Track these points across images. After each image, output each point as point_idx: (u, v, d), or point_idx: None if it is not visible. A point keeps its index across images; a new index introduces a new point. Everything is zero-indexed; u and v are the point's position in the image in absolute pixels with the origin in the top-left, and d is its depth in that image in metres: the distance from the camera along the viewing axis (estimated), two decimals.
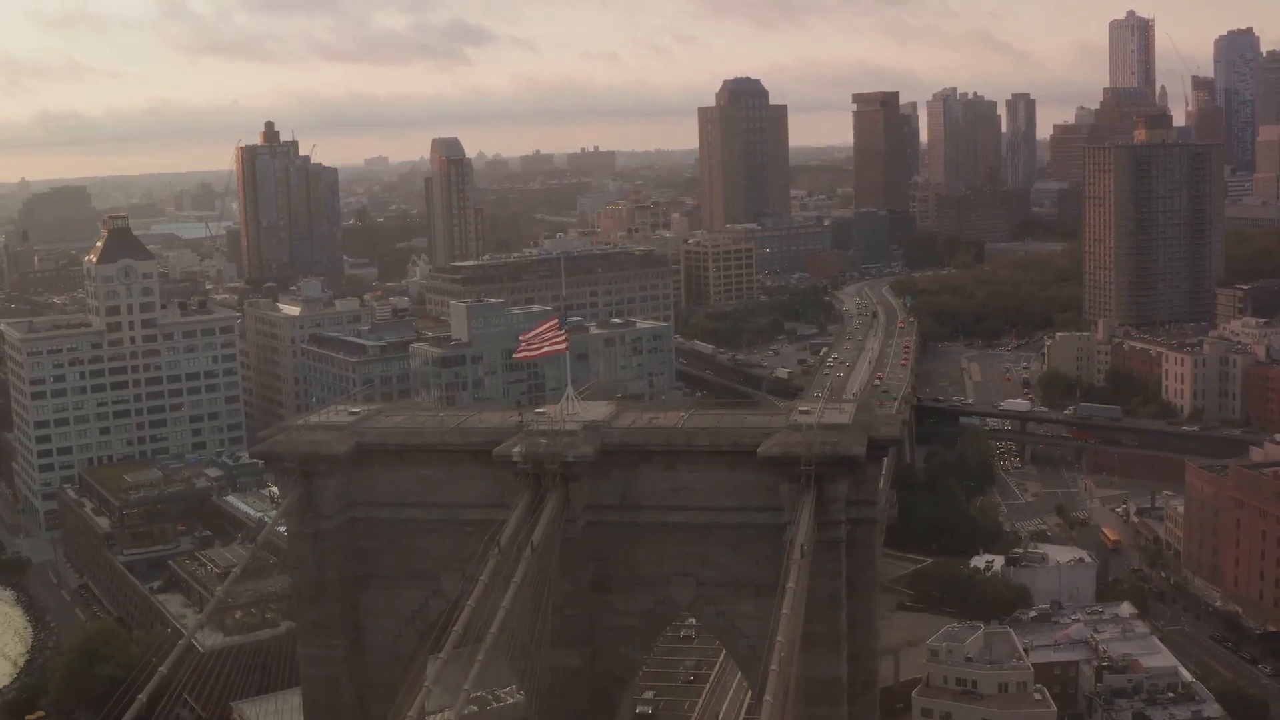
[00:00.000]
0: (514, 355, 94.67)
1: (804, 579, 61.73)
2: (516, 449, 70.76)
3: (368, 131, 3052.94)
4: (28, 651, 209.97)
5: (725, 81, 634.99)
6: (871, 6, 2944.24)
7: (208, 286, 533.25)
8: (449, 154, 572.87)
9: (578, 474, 70.12)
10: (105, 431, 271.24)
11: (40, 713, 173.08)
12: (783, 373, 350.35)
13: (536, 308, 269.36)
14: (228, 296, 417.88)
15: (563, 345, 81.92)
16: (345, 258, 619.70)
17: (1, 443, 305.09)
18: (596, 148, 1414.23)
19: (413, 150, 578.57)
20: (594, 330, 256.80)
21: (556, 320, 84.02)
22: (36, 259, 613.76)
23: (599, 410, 77.43)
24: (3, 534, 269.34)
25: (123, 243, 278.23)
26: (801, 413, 73.12)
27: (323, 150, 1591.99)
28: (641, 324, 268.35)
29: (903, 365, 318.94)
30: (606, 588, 73.27)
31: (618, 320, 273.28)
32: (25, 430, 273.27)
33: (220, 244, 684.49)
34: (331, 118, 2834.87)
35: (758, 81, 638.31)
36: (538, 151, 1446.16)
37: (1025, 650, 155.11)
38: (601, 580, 73.36)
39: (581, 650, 71.66)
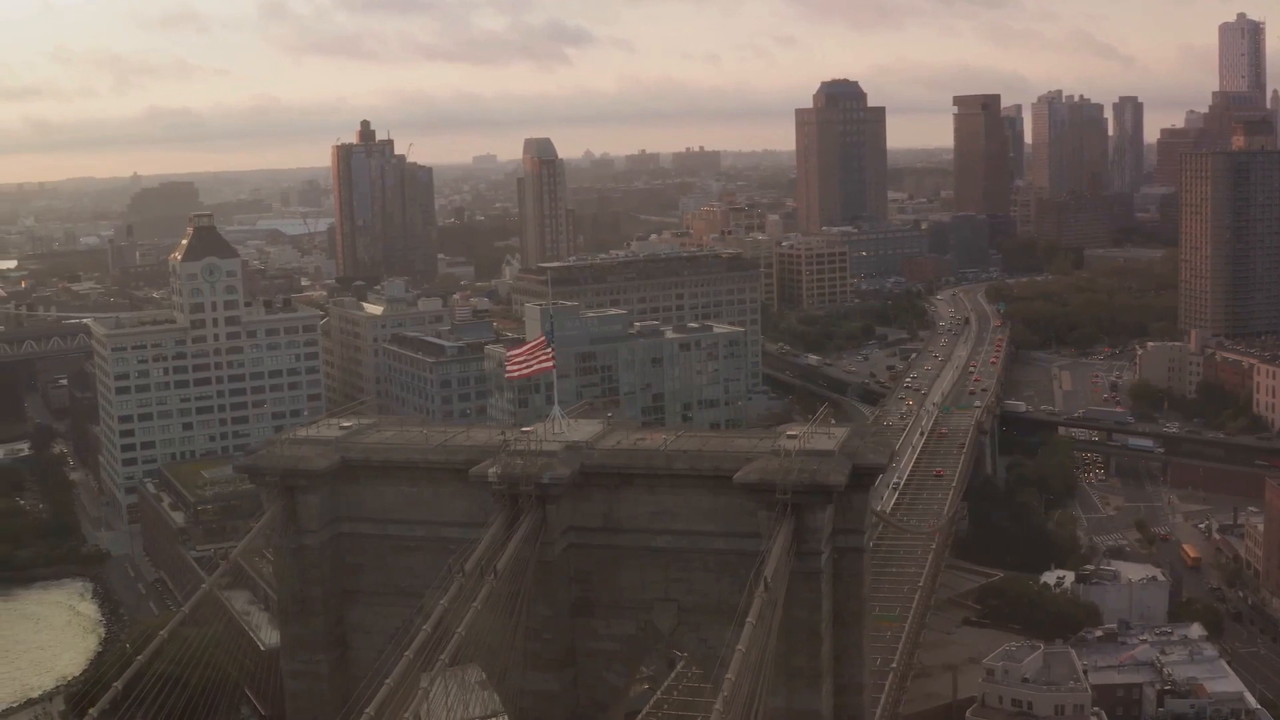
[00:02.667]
0: (505, 376, 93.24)
1: (771, 612, 59.80)
2: (493, 469, 69.56)
3: (475, 130, 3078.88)
4: (100, 644, 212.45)
5: (822, 83, 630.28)
6: (969, 9, 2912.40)
7: (304, 283, 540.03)
8: (540, 154, 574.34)
9: (555, 496, 68.72)
10: (188, 427, 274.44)
11: (105, 707, 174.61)
12: (868, 379, 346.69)
13: (611, 311, 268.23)
14: (320, 294, 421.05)
15: (549, 364, 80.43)
16: (442, 256, 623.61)
17: (89, 436, 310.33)
18: (702, 148, 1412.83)
19: (519, 149, 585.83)
20: (670, 335, 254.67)
21: (544, 339, 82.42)
22: (138, 253, 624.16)
23: (586, 430, 75.90)
24: (86, 526, 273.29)
25: (207, 241, 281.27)
26: (789, 437, 71.16)
27: (429, 149, 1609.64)
28: (719, 328, 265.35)
29: (989, 374, 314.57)
30: (588, 611, 71.77)
31: (694, 325, 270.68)
32: (110, 424, 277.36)
33: (320, 241, 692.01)
34: (437, 117, 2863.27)
35: (855, 84, 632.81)
36: (643, 151, 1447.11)
37: (1086, 671, 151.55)
38: (583, 604, 71.87)
39: (562, 674, 70.28)
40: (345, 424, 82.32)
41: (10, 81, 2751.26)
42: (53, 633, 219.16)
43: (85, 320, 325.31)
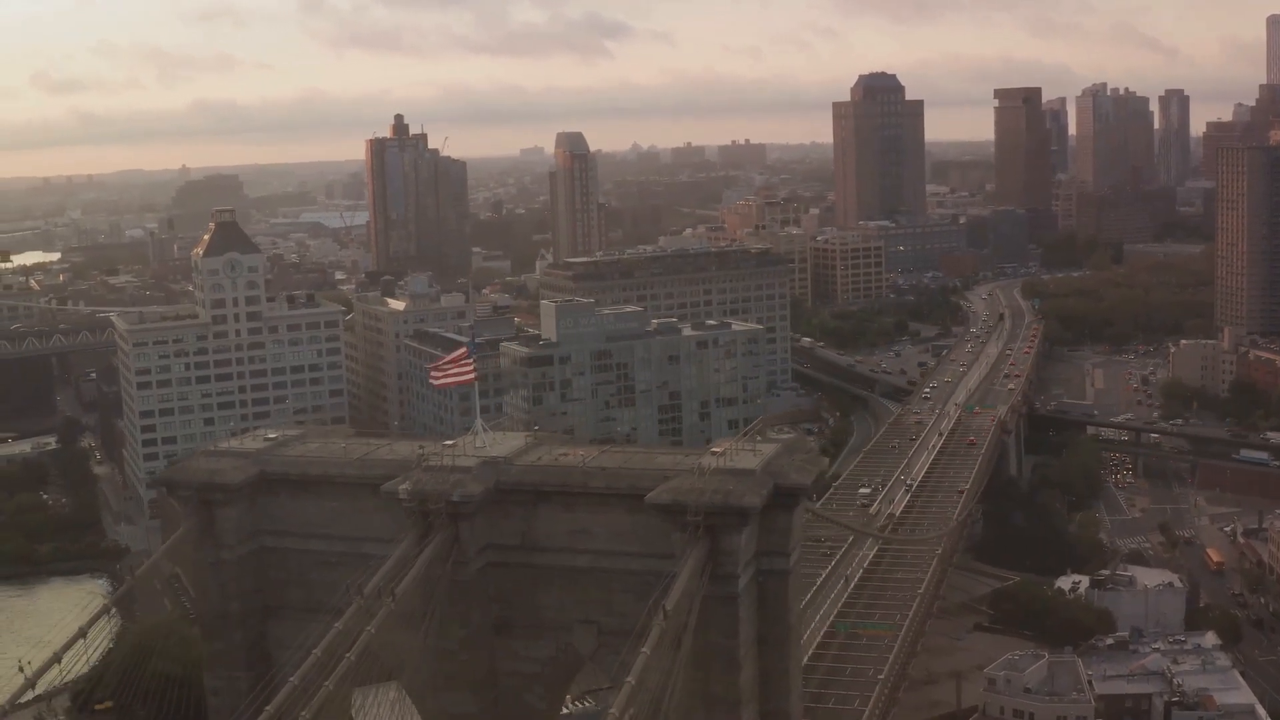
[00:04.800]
0: (431, 382, 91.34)
1: (682, 639, 57.40)
2: (404, 485, 67.43)
3: (522, 123, 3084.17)
4: (111, 640, 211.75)
5: (860, 76, 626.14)
6: (1009, 2, 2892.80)
7: (339, 277, 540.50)
8: (572, 148, 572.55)
9: (467, 513, 66.49)
10: (209, 422, 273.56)
11: (109, 703, 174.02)
12: (898, 375, 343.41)
13: (628, 308, 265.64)
14: (351, 289, 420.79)
15: (470, 376, 78.27)
16: (478, 250, 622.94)
17: (115, 430, 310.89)
18: (747, 141, 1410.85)
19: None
20: (687, 332, 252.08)
21: (465, 349, 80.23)
22: (176, 247, 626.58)
23: (508, 445, 73.63)
24: (108, 521, 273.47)
25: (229, 236, 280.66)
26: (713, 454, 68.69)
27: (474, 142, 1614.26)
28: (737, 326, 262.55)
29: (1017, 375, 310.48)
30: (509, 632, 69.50)
31: (712, 323, 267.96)
32: (132, 419, 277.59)
33: (358, 234, 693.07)
34: (482, 109, 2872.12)
35: (893, 76, 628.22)
36: (689, 144, 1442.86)
37: (1093, 681, 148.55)
38: (503, 624, 69.62)
39: (481, 696, 68.03)
40: (271, 435, 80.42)
41: (54, 75, 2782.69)
42: (65, 629, 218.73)
43: (110, 314, 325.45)
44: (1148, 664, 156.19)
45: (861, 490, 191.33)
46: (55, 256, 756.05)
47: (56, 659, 68.91)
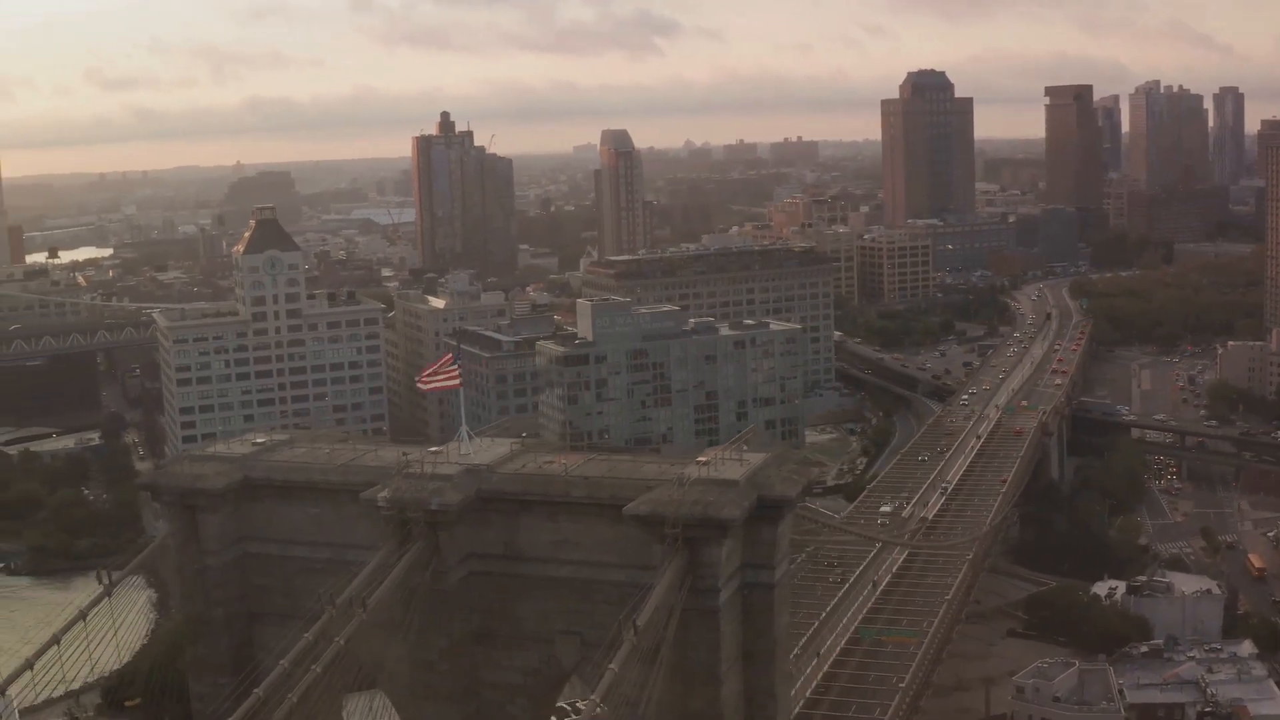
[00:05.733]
0: (419, 388, 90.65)
1: (651, 655, 56.06)
2: (383, 493, 66.44)
3: (573, 120, 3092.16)
4: (145, 637, 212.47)
5: (909, 74, 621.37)
6: None
7: (387, 274, 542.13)
8: (617, 146, 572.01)
9: (447, 522, 65.39)
10: (249, 419, 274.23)
11: (139, 700, 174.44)
12: (942, 375, 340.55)
13: (665, 307, 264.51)
14: (395, 286, 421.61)
15: (456, 381, 77.33)
16: (525, 247, 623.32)
17: (158, 426, 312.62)
18: (800, 138, 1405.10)
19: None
20: (724, 332, 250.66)
21: (451, 355, 79.32)
22: (226, 243, 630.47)
23: (492, 452, 72.49)
24: (147, 517, 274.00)
25: (269, 234, 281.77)
26: (699, 463, 67.29)
27: (527, 138, 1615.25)
28: (775, 326, 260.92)
29: (1063, 372, 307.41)
30: (491, 642, 68.37)
31: (750, 322, 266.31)
32: (172, 416, 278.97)
33: (407, 231, 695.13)
34: (535, 107, 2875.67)
35: (942, 74, 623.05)
36: (741, 141, 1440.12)
37: (1125, 690, 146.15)
38: (485, 634, 68.47)
39: (463, 706, 66.91)
40: (258, 440, 79.74)
41: (108, 72, 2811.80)
42: (100, 624, 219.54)
43: (153, 311, 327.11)
44: (1182, 673, 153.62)
45: (883, 509, 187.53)
46: (108, 252, 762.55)
47: (29, 665, 68.09)
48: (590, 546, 65.19)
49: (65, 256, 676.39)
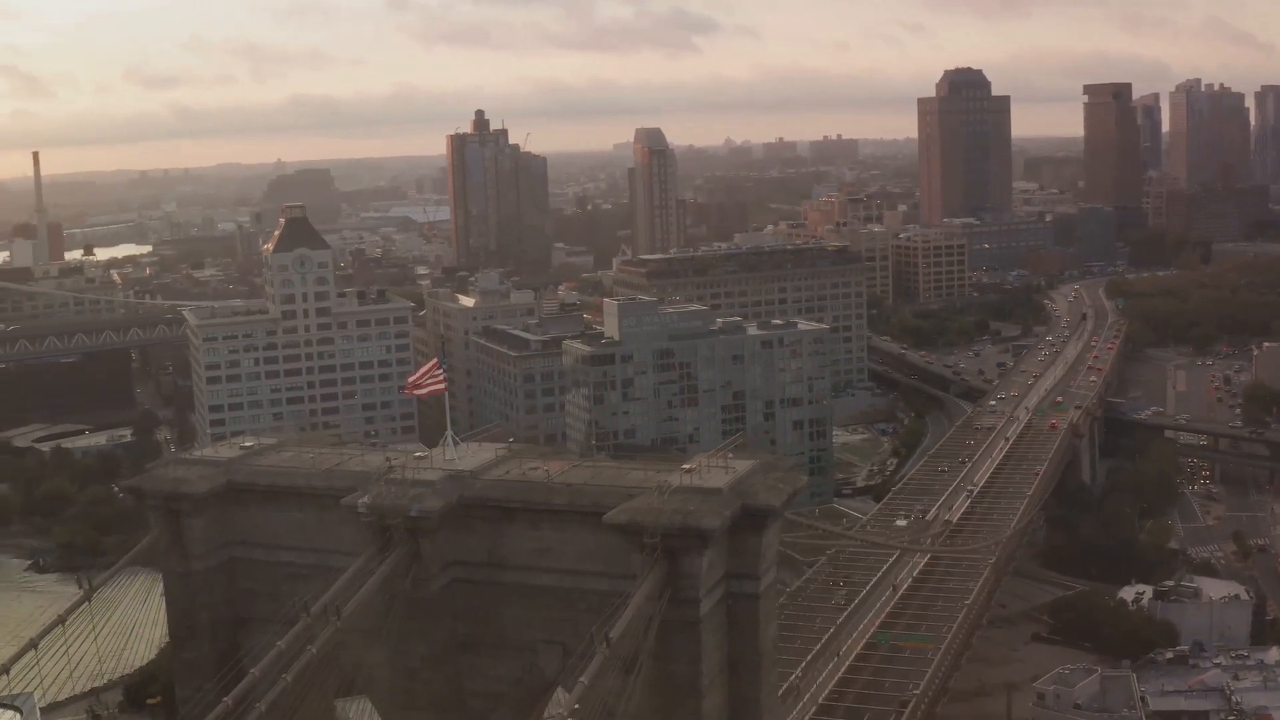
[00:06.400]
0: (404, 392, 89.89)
1: (627, 667, 55.07)
2: (363, 499, 65.71)
3: (614, 118, 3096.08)
4: (169, 634, 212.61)
5: (945, 72, 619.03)
6: None
7: (422, 271, 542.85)
8: (650, 144, 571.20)
9: (428, 529, 64.59)
10: (278, 417, 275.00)
11: (159, 698, 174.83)
12: (976, 375, 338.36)
13: (692, 306, 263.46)
14: (427, 284, 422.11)
15: (442, 385, 76.59)
16: (561, 245, 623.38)
17: (189, 424, 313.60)
18: (839, 136, 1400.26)
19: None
20: (752, 331, 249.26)
21: (436, 360, 78.55)
22: (262, 240, 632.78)
23: (480, 457, 71.64)
24: None
25: (299, 232, 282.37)
26: (684, 470, 66.22)
27: (566, 136, 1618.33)
28: (804, 325, 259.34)
29: (1097, 371, 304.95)
30: (474, 651, 67.50)
31: (778, 321, 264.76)
32: (202, 413, 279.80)
33: (444, 229, 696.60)
34: (574, 105, 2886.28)
35: (979, 72, 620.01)
36: (780, 139, 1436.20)
37: (1147, 697, 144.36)
38: (469, 643, 67.59)
39: (446, 715, 66.02)
40: (246, 443, 79.21)
41: (148, 70, 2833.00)
42: (126, 620, 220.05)
43: (184, 308, 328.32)
44: (1207, 680, 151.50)
45: (899, 523, 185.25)
46: (147, 249, 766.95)
47: (5, 669, 67.59)
48: (573, 555, 64.31)
49: (105, 254, 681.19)
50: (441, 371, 75.46)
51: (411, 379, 77.95)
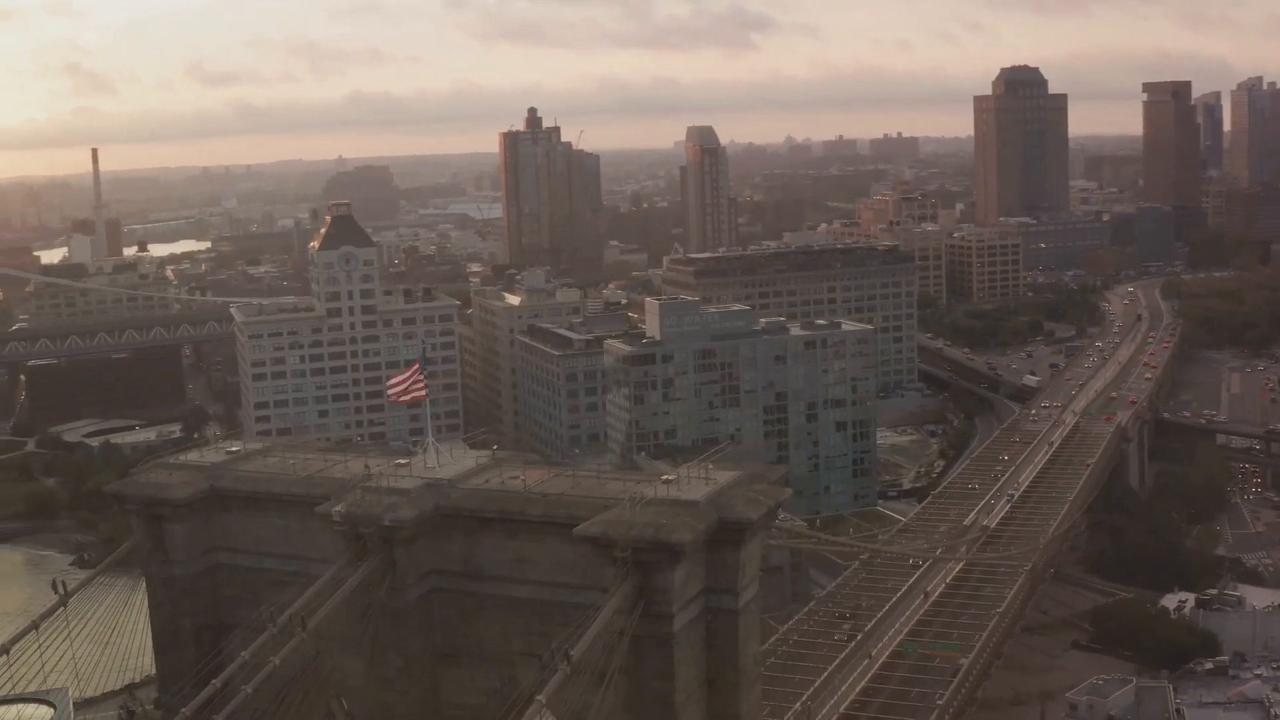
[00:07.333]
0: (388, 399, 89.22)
1: (597, 680, 53.90)
2: (338, 507, 64.82)
3: (675, 115, 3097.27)
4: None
5: (1001, 70, 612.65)
6: None
7: (476, 269, 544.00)
8: (702, 142, 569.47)
9: (403, 538, 63.60)
10: (323, 414, 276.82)
11: None
12: (1031, 380, 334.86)
13: (735, 306, 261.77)
14: (475, 282, 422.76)
15: (422, 393, 75.68)
16: (615, 243, 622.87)
17: (237, 420, 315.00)
18: (900, 134, 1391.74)
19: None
20: (795, 332, 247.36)
21: (418, 365, 77.54)
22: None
23: (459, 465, 70.59)
24: None
25: (345, 230, 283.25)
26: (664, 481, 64.89)
27: (628, 134, 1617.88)
28: (847, 326, 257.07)
29: (1149, 375, 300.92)
30: (453, 662, 66.49)
31: (822, 322, 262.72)
32: (248, 410, 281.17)
33: (497, 226, 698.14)
34: (635, 102, 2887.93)
35: (1036, 70, 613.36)
36: (840, 137, 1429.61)
37: (1183, 709, 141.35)
38: (447, 653, 66.58)
39: None
40: (232, 448, 78.61)
41: (209, 68, 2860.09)
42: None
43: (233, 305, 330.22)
44: (1246, 691, 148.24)
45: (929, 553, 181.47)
46: (206, 245, 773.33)
47: None
48: (549, 566, 63.18)
49: (165, 250, 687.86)
50: (423, 378, 74.69)
51: (394, 385, 77.09)
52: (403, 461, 71.46)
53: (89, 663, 71.53)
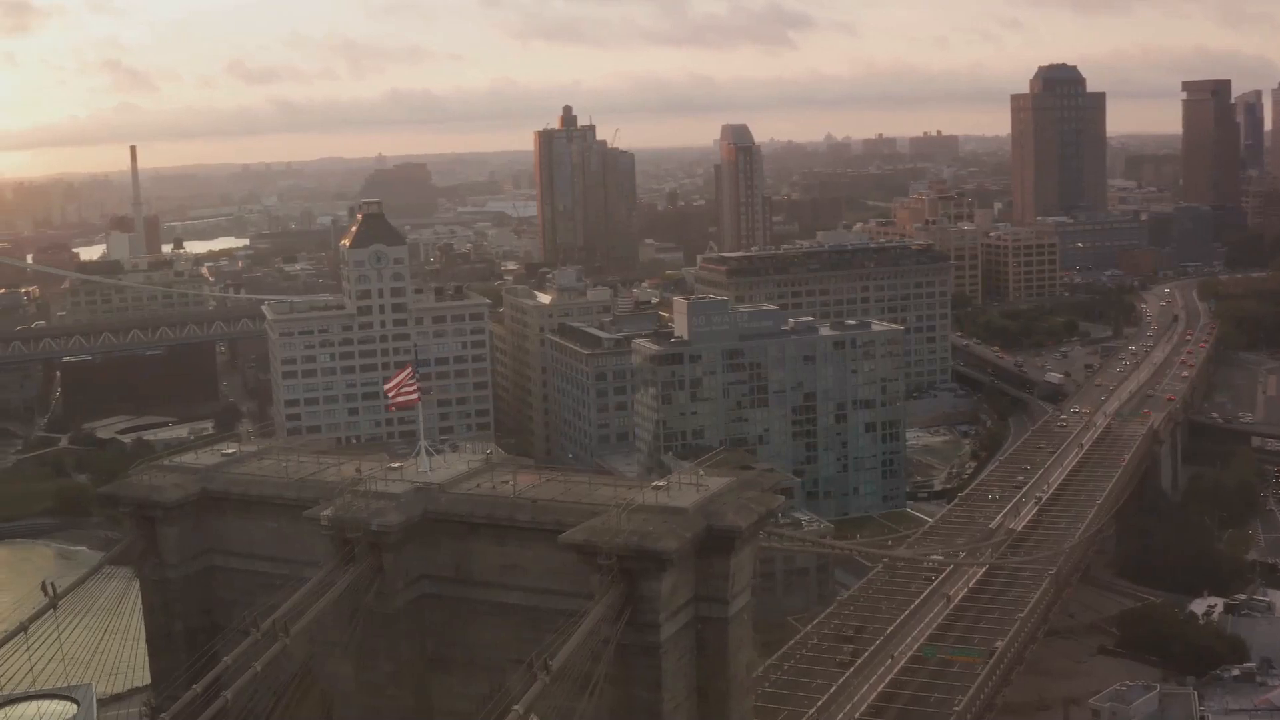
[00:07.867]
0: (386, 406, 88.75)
1: (580, 688, 53.31)
2: (325, 511, 64.42)
3: (714, 113, 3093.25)
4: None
5: (1039, 68, 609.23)
6: None
7: (511, 267, 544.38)
8: (737, 141, 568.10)
9: (391, 543, 63.15)
10: (353, 412, 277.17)
11: None
12: (1054, 378, 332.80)
13: (764, 306, 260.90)
14: (508, 280, 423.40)
15: (414, 396, 75.26)
16: (651, 242, 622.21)
17: (269, 417, 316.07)
18: (939, 132, 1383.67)
19: (756, 132, 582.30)
20: (824, 332, 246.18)
21: (410, 369, 77.17)
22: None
23: (450, 469, 70.06)
24: None
25: (375, 228, 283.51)
26: (655, 487, 64.22)
27: (667, 132, 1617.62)
28: (877, 326, 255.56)
29: (1183, 375, 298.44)
30: (443, 668, 65.99)
31: (852, 322, 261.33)
32: (279, 408, 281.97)
33: (531, 224, 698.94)
34: (674, 100, 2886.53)
35: (1074, 68, 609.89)
36: (880, 135, 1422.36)
37: (1207, 716, 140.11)
38: (437, 659, 66.10)
39: None
40: (228, 450, 78.39)
41: (249, 65, 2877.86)
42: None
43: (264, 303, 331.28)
44: (1273, 698, 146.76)
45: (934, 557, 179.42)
46: (244, 243, 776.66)
47: None
48: (538, 573, 62.61)
49: (203, 247, 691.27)
50: (415, 381, 74.37)
51: (389, 387, 76.81)
52: (395, 465, 71.13)
53: (78, 665, 71.37)
